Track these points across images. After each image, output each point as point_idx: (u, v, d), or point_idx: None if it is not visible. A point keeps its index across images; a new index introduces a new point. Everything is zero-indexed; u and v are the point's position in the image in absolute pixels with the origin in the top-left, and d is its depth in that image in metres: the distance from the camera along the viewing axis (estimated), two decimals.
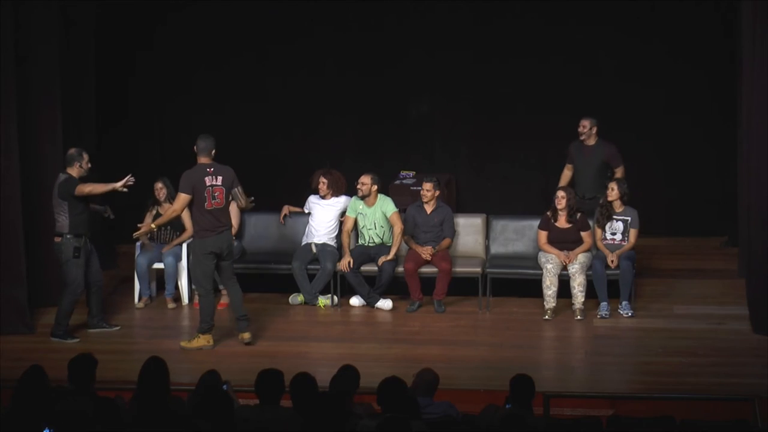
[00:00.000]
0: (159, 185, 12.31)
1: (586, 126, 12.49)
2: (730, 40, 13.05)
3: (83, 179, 11.19)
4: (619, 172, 12.40)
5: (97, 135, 13.29)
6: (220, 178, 10.89)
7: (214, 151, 10.94)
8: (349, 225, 12.29)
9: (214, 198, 10.86)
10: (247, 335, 11.10)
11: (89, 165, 11.24)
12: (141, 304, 12.29)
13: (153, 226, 11.48)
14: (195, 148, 10.93)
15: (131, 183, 11.16)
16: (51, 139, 11.96)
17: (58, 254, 11.20)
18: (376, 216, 12.25)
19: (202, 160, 10.92)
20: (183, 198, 10.87)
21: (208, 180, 10.84)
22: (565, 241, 11.86)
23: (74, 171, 11.17)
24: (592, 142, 12.53)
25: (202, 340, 11.01)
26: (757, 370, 10.14)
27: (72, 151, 11.25)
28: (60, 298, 11.30)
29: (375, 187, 12.24)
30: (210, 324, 11.05)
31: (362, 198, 12.24)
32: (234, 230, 12.38)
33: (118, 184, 11.09)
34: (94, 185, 11.14)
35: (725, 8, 13.30)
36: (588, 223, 11.94)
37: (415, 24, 14.34)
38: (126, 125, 14.41)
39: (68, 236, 11.11)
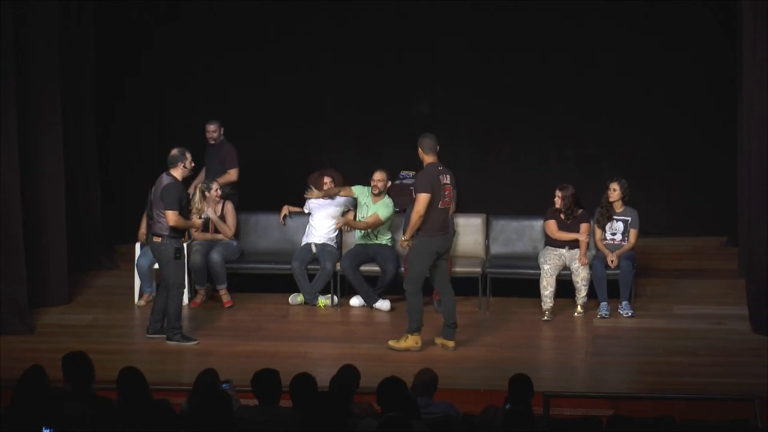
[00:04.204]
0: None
1: (210, 130, 12.78)
2: (730, 39, 13.04)
3: (186, 180, 11.10)
4: (232, 174, 12.61)
5: (97, 126, 13.32)
6: (448, 176, 10.70)
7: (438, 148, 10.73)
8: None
9: (444, 197, 10.64)
10: (451, 343, 10.79)
11: (193, 164, 11.02)
12: (142, 302, 12.24)
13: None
14: (420, 148, 10.63)
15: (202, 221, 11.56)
16: (50, 131, 11.90)
17: (158, 255, 11.02)
18: (376, 212, 12.22)
19: (431, 158, 10.64)
20: (424, 198, 10.47)
21: (442, 178, 10.62)
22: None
23: (178, 172, 10.89)
24: (215, 142, 12.81)
25: (411, 341, 10.73)
26: (757, 370, 10.14)
27: (174, 152, 10.93)
28: (163, 301, 11.03)
29: (389, 184, 12.25)
30: (419, 323, 10.74)
31: (377, 194, 12.18)
32: (232, 232, 12.39)
33: (196, 224, 11.36)
34: (178, 220, 10.81)
35: (725, 8, 13.31)
36: (587, 218, 11.92)
37: (417, 23, 14.33)
38: (125, 117, 14.38)
39: (168, 237, 10.88)
